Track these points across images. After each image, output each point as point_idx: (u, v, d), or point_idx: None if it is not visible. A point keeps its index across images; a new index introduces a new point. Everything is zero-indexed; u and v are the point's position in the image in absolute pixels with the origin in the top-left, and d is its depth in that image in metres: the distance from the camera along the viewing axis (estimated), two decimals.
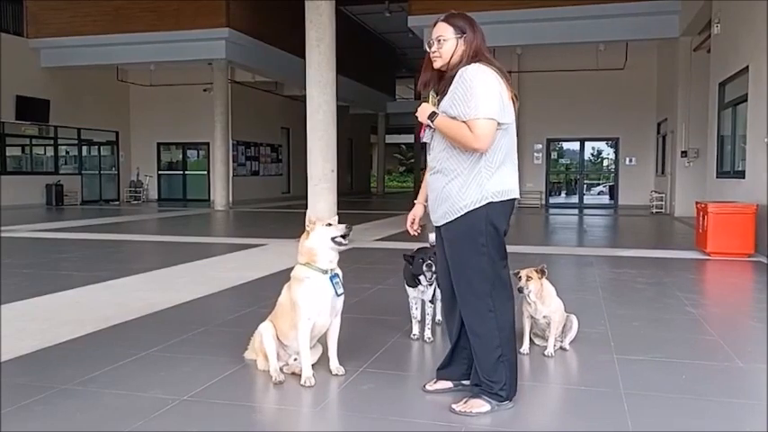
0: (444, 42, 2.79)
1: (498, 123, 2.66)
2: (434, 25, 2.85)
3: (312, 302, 3.11)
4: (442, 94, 2.79)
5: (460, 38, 2.76)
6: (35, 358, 3.58)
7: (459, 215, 2.72)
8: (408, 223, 3.15)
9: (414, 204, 3.16)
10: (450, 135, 2.70)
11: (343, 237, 3.09)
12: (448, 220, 2.76)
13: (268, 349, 3.21)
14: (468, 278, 2.74)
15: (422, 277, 3.77)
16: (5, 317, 4.54)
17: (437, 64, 2.83)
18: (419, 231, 3.13)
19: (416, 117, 2.83)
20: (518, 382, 2.86)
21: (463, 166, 2.71)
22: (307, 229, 3.15)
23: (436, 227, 2.88)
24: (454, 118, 2.68)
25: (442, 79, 2.83)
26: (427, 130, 2.85)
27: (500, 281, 2.77)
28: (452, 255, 2.79)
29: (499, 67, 2.75)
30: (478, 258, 2.72)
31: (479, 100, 2.62)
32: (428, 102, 2.83)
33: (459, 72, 2.70)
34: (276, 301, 3.36)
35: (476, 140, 2.62)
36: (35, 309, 4.91)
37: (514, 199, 2.78)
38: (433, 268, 3.66)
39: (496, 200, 2.71)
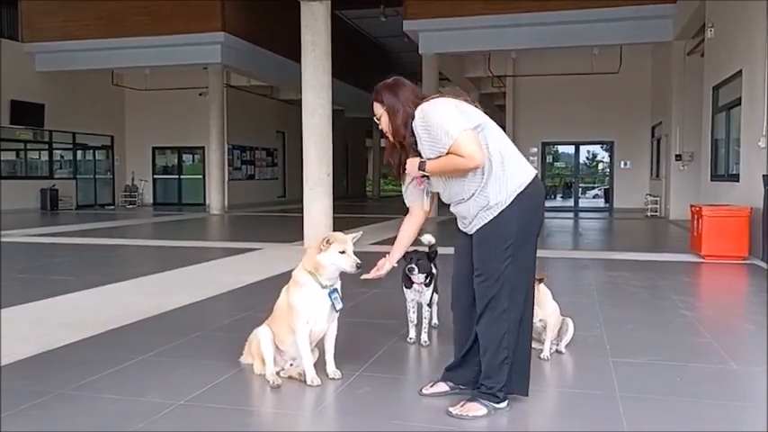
0: (380, 120, 2.89)
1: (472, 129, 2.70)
2: None
3: (309, 308, 3.12)
4: (413, 151, 2.84)
5: (387, 108, 2.85)
6: (32, 363, 3.58)
7: (492, 217, 2.73)
8: (374, 270, 3.16)
9: (385, 257, 3.17)
10: (448, 170, 2.74)
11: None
12: (483, 224, 2.76)
13: (265, 353, 3.21)
14: (494, 279, 2.74)
15: (413, 276, 3.77)
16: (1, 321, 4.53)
17: (392, 138, 2.90)
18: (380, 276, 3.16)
19: (409, 174, 2.89)
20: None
21: (479, 183, 2.73)
22: (321, 247, 3.09)
23: (467, 234, 2.88)
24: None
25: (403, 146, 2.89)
26: (424, 182, 2.91)
27: (522, 283, 2.78)
28: (480, 255, 2.78)
29: (441, 93, 2.85)
30: (505, 259, 2.72)
31: (444, 127, 2.67)
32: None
33: (413, 125, 2.77)
34: (273, 305, 3.37)
35: (470, 160, 2.65)
36: (30, 313, 4.90)
37: (536, 177, 2.80)
38: (415, 272, 3.68)
39: (522, 189, 2.73)
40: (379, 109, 2.89)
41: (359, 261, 3.07)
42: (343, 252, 3.07)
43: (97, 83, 20.44)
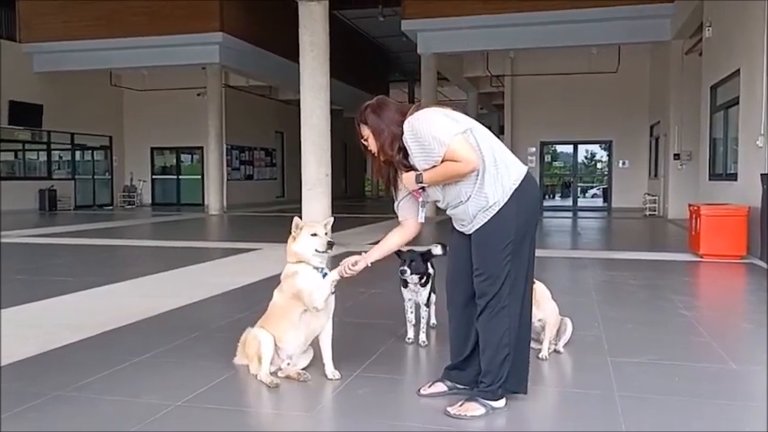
0: (368, 141, 2.90)
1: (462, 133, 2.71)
2: None
3: (314, 282, 3.15)
4: (402, 167, 2.85)
5: (372, 130, 2.86)
6: (29, 364, 3.57)
7: (491, 216, 2.73)
8: (349, 263, 3.05)
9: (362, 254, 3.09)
10: (446, 178, 2.74)
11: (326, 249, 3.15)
12: (482, 223, 2.76)
13: (265, 355, 3.20)
14: (494, 278, 2.74)
15: (405, 277, 3.75)
16: None
17: (383, 158, 2.90)
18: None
19: (407, 187, 2.90)
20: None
21: (473, 183, 2.74)
22: (293, 234, 3.20)
23: (463, 234, 2.89)
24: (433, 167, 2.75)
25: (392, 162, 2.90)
26: (422, 193, 2.90)
27: (521, 280, 2.79)
28: (480, 254, 2.79)
29: (421, 103, 2.89)
30: (505, 257, 2.73)
31: (435, 135, 2.68)
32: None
33: (403, 140, 2.79)
34: (266, 306, 3.37)
35: (466, 164, 2.67)
36: (28, 314, 4.89)
37: (528, 172, 2.82)
38: (407, 273, 3.65)
39: (518, 185, 2.74)
40: (365, 130, 2.90)
41: (330, 239, 3.15)
42: (314, 235, 3.15)
43: (95, 83, 20.42)
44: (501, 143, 2.86)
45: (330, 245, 3.14)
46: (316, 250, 3.14)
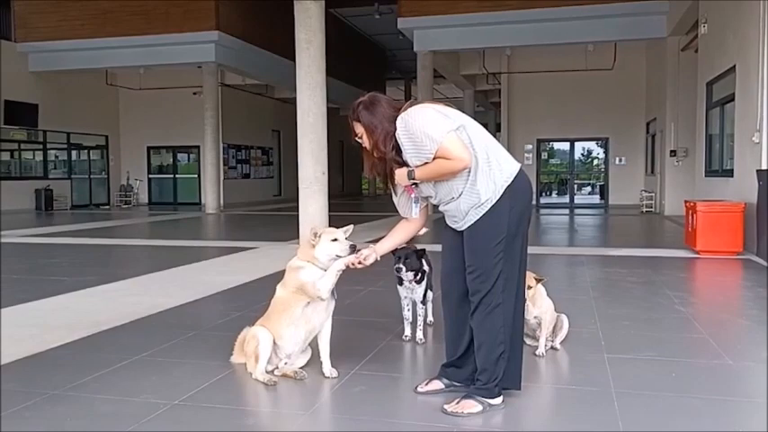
0: (363, 138, 2.90)
1: (455, 131, 2.71)
2: None
3: (318, 275, 3.14)
4: (396, 164, 2.85)
5: (365, 127, 2.86)
6: (25, 364, 3.56)
7: (483, 213, 2.74)
8: (356, 258, 3.04)
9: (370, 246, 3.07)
10: (438, 175, 2.75)
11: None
12: (475, 220, 2.76)
13: (262, 354, 3.20)
14: (487, 275, 2.74)
15: (401, 275, 3.75)
16: None
17: (377, 155, 2.89)
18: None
19: (399, 184, 2.90)
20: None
21: (465, 180, 2.74)
22: (311, 242, 3.14)
23: (456, 230, 2.89)
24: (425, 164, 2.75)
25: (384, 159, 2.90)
26: (415, 190, 2.91)
27: (514, 277, 2.80)
28: (472, 251, 2.79)
29: (416, 99, 2.85)
30: (498, 254, 2.73)
31: (428, 132, 2.68)
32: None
33: (396, 136, 2.78)
34: (268, 304, 3.36)
35: (459, 161, 2.67)
36: (24, 315, 4.88)
37: (521, 169, 2.82)
38: (403, 271, 3.64)
39: (510, 182, 2.75)
40: (358, 128, 2.90)
41: (351, 242, 3.11)
42: (335, 240, 3.12)
43: (91, 82, 20.38)
44: (494, 140, 2.86)
45: (353, 248, 3.09)
46: (337, 255, 3.09)
